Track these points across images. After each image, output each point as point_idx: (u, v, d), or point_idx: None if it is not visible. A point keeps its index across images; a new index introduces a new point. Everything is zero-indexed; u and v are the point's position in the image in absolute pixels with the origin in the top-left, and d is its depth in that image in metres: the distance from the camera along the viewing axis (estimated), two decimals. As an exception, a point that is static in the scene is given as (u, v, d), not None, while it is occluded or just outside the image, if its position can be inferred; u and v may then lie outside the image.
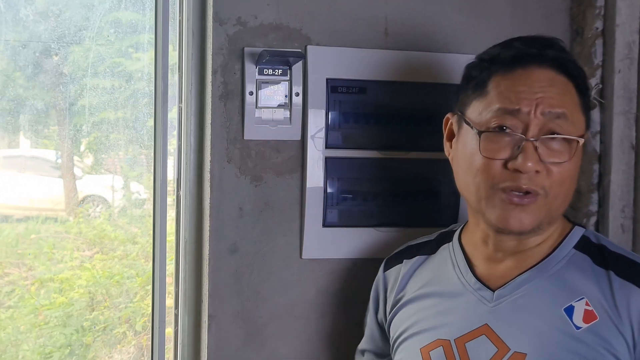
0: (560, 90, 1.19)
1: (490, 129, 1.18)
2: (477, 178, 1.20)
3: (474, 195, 1.22)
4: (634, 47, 1.62)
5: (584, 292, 1.18)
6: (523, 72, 1.19)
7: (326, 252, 1.55)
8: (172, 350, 1.60)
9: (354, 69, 1.53)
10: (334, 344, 1.52)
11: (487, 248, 1.26)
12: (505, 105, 1.18)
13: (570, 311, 1.17)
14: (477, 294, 1.23)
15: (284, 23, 1.51)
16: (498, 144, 1.18)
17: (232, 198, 1.50)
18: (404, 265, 1.37)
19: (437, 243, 1.37)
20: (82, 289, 1.91)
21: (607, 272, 1.19)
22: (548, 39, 1.24)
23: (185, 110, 1.55)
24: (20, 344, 1.86)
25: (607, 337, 1.13)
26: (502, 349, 1.17)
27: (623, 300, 1.15)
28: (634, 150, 1.63)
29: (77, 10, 1.75)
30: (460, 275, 1.28)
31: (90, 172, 1.99)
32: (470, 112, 1.23)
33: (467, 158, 1.23)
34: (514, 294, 1.21)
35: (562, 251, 1.23)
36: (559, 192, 1.19)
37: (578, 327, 1.15)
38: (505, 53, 1.22)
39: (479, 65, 1.25)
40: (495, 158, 1.18)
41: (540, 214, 1.19)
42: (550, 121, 1.17)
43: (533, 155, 1.16)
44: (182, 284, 1.57)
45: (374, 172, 1.55)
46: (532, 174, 1.16)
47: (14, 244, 1.91)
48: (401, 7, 1.56)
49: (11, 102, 1.76)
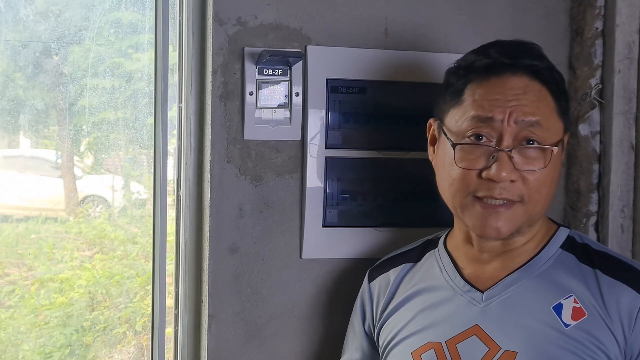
0: (535, 97, 1.19)
1: (466, 137, 1.20)
2: (452, 187, 1.23)
3: (451, 203, 1.25)
4: (634, 47, 1.62)
5: (572, 290, 1.19)
6: (497, 80, 1.20)
7: (326, 252, 1.55)
8: (172, 350, 1.60)
9: (354, 69, 1.53)
10: (334, 344, 1.52)
11: (472, 249, 1.28)
12: (479, 113, 1.19)
13: (559, 309, 1.18)
14: (467, 296, 1.24)
15: (284, 23, 1.51)
16: (473, 154, 1.20)
17: (232, 198, 1.50)
18: (391, 274, 1.38)
19: (422, 250, 1.39)
20: (82, 289, 1.91)
21: (593, 270, 1.20)
22: (524, 45, 1.24)
23: (185, 110, 1.55)
24: (20, 344, 1.86)
25: (596, 333, 1.15)
26: (493, 348, 1.18)
27: (612, 298, 1.16)
28: (633, 150, 1.63)
29: (77, 10, 1.75)
30: (448, 278, 1.29)
31: (90, 172, 1.99)
32: (448, 120, 1.25)
33: (445, 167, 1.25)
34: (502, 294, 1.22)
35: (549, 251, 1.24)
36: (538, 199, 1.20)
37: (567, 325, 1.16)
38: (480, 62, 1.23)
39: (456, 72, 1.26)
40: (471, 169, 1.20)
41: (518, 220, 1.20)
42: (524, 129, 1.18)
43: (507, 165, 1.17)
44: (182, 284, 1.57)
45: (373, 172, 1.55)
46: (507, 183, 1.17)
47: (14, 244, 1.91)
48: (401, 7, 1.56)
49: (11, 102, 1.76)
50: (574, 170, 1.67)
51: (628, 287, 1.16)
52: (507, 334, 1.18)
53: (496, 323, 1.19)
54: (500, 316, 1.20)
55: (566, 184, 1.69)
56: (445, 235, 1.36)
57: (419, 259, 1.37)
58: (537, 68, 1.21)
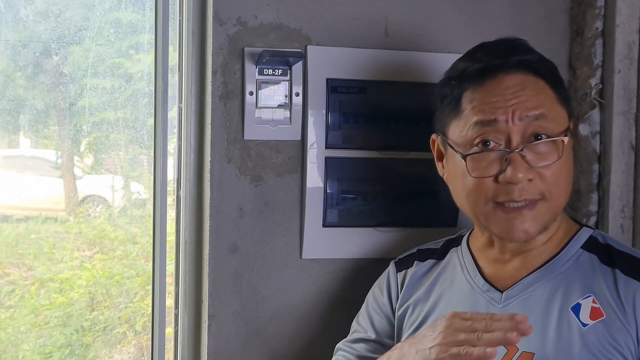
0: (534, 90, 1.19)
1: (474, 145, 1.19)
2: (470, 197, 1.22)
3: (472, 213, 1.24)
4: (634, 47, 1.62)
5: (591, 290, 1.18)
6: (492, 82, 1.19)
7: (326, 252, 1.55)
8: (172, 350, 1.60)
9: (354, 69, 1.53)
10: (334, 344, 1.52)
11: (493, 250, 1.27)
12: (482, 117, 1.18)
13: (577, 309, 1.17)
14: (486, 296, 1.24)
15: (284, 23, 1.51)
16: (485, 162, 1.19)
17: (232, 198, 1.50)
18: (414, 267, 1.37)
19: (444, 248, 1.38)
20: (82, 289, 1.91)
21: (613, 270, 1.19)
22: (510, 42, 1.23)
23: (185, 110, 1.55)
24: (20, 344, 1.86)
25: (614, 333, 1.14)
26: (512, 350, 1.18)
27: (629, 297, 1.16)
28: (633, 150, 1.63)
29: (77, 10, 1.75)
30: (469, 277, 1.28)
31: (90, 172, 1.99)
32: (451, 133, 1.24)
33: (458, 179, 1.24)
34: (522, 294, 1.21)
35: (569, 251, 1.23)
36: (559, 192, 1.20)
37: (585, 324, 1.16)
38: (471, 67, 1.22)
39: (448, 83, 1.26)
40: (485, 176, 1.19)
41: (544, 218, 1.20)
42: (531, 124, 1.17)
43: (522, 165, 1.16)
44: (182, 284, 1.57)
45: (374, 172, 1.55)
46: (525, 183, 1.16)
47: (14, 244, 1.91)
48: (401, 7, 1.56)
49: (11, 102, 1.76)
50: (574, 170, 1.67)
51: None
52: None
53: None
54: None
55: (566, 184, 1.68)
56: (468, 235, 1.36)
57: (442, 256, 1.36)
58: (529, 62, 1.20)
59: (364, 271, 1.49)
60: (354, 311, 1.48)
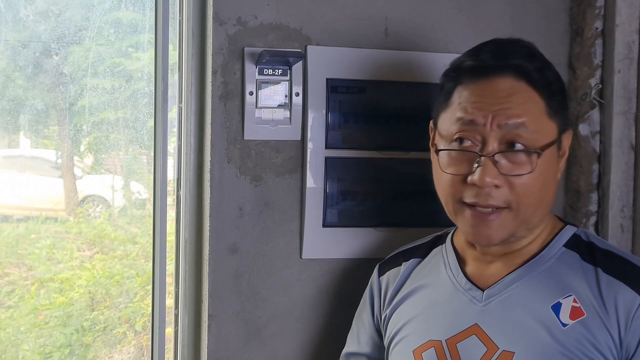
0: (522, 99, 1.16)
1: (453, 142, 1.19)
2: (444, 192, 1.22)
3: (445, 207, 1.25)
4: (634, 47, 1.62)
5: (573, 288, 1.18)
6: (484, 82, 1.18)
7: (326, 252, 1.55)
8: (172, 350, 1.60)
9: (354, 69, 1.53)
10: (334, 344, 1.52)
11: (474, 250, 1.28)
12: (462, 115, 1.18)
13: (557, 308, 1.17)
14: (468, 294, 1.24)
15: (284, 23, 1.51)
16: (458, 159, 1.19)
17: (232, 198, 1.50)
18: (401, 268, 1.37)
19: (430, 245, 1.38)
20: (82, 289, 1.91)
21: (595, 268, 1.19)
22: (516, 44, 1.22)
23: (185, 110, 1.55)
24: (20, 344, 1.86)
25: (594, 332, 1.14)
26: (491, 349, 1.18)
27: (610, 297, 1.15)
28: (633, 150, 1.63)
29: (77, 10, 1.75)
30: (451, 275, 1.29)
31: (90, 172, 1.99)
32: (440, 123, 1.24)
33: (437, 170, 1.24)
34: (502, 293, 1.21)
35: (551, 249, 1.23)
36: (528, 203, 1.17)
37: (565, 324, 1.15)
38: (468, 63, 1.21)
39: (448, 74, 1.25)
40: (456, 174, 1.19)
41: (509, 227, 1.19)
42: (509, 132, 1.15)
43: (491, 170, 1.15)
44: (182, 284, 1.57)
45: (374, 172, 1.55)
46: (492, 189, 1.15)
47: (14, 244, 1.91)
48: (401, 7, 1.56)
49: (11, 102, 1.76)
50: (574, 170, 1.67)
51: (627, 287, 1.15)
52: (506, 334, 1.18)
53: (495, 323, 1.19)
54: (499, 316, 1.19)
55: (566, 184, 1.69)
56: (453, 232, 1.36)
57: (426, 254, 1.37)
58: (525, 69, 1.18)
59: (364, 271, 1.49)
60: (354, 311, 1.48)
